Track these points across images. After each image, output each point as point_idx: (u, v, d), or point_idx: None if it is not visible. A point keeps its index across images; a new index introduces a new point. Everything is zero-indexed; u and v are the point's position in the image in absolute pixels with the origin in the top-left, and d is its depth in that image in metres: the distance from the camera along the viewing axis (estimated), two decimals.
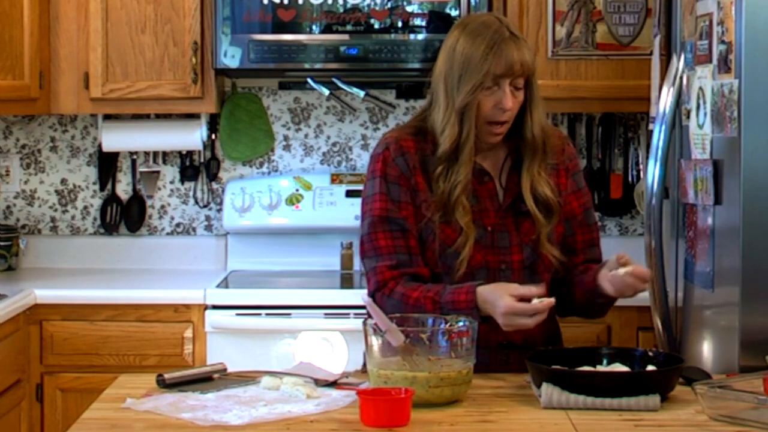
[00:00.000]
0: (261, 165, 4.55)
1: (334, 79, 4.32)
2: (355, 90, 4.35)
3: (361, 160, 4.53)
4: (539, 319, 2.58)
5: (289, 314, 3.89)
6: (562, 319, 3.84)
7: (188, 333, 3.92)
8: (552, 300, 2.59)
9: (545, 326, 2.78)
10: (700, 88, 3.06)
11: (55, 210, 4.57)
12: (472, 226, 2.73)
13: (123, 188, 4.56)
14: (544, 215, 2.78)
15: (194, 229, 4.57)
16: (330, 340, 3.87)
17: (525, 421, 2.35)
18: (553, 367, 2.48)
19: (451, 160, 2.74)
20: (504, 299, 2.58)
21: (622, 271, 2.66)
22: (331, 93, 4.39)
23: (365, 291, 2.79)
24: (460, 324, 2.50)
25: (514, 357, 2.75)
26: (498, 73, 2.70)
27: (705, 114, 3.03)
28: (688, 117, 3.15)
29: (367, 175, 2.85)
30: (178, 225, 4.57)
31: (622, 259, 2.68)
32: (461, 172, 2.73)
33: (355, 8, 4.08)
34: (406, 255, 2.75)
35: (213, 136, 4.52)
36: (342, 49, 4.09)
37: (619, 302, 3.84)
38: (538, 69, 4.04)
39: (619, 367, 2.54)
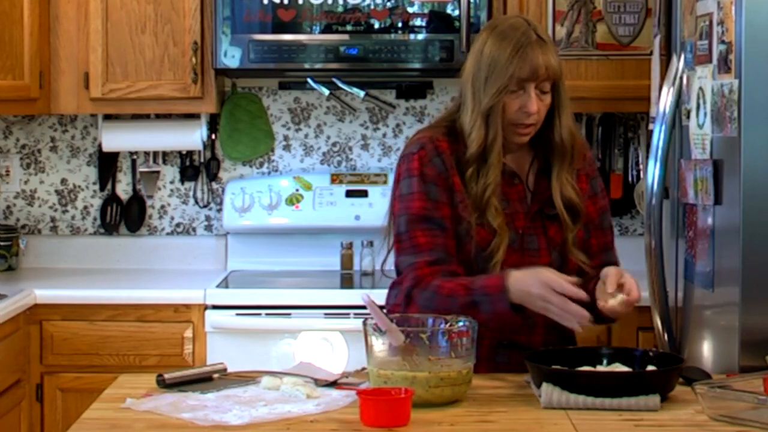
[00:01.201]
0: (261, 165, 4.55)
1: (334, 79, 4.32)
2: (355, 90, 4.35)
3: (361, 160, 4.53)
4: (566, 305, 2.55)
5: (289, 314, 3.89)
6: None
7: (188, 333, 3.92)
8: (583, 295, 2.57)
9: (558, 331, 2.78)
10: (700, 88, 3.06)
11: (55, 210, 4.57)
12: (506, 227, 2.74)
13: (123, 188, 4.56)
14: (571, 219, 2.78)
15: (194, 229, 4.57)
16: (330, 340, 3.87)
17: (525, 421, 2.35)
18: (553, 367, 2.48)
19: (480, 162, 2.75)
20: (544, 272, 2.59)
21: (614, 302, 2.64)
22: (331, 93, 4.39)
23: (365, 291, 2.79)
24: (460, 324, 2.50)
25: (514, 357, 2.75)
26: (523, 77, 2.70)
27: (705, 114, 3.03)
28: (688, 117, 3.15)
29: (400, 173, 2.81)
30: (178, 225, 4.57)
31: (612, 285, 2.63)
32: (491, 174, 2.74)
33: (355, 8, 4.08)
34: (444, 253, 2.74)
35: (213, 136, 4.52)
36: (342, 49, 4.09)
37: None
38: None
39: (619, 367, 2.53)
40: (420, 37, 4.08)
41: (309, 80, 4.32)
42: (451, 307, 2.63)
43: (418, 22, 4.07)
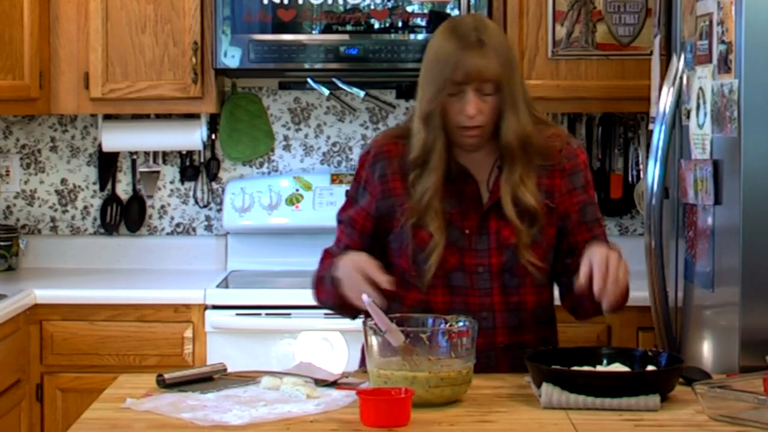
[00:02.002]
0: (261, 165, 4.55)
1: (334, 79, 4.32)
2: (355, 90, 4.35)
3: None
4: (358, 282, 2.59)
5: (289, 314, 3.89)
6: (561, 320, 3.84)
7: (188, 333, 3.92)
8: (384, 282, 2.58)
9: (539, 332, 2.78)
10: (700, 88, 3.06)
11: (55, 210, 4.57)
12: (442, 232, 2.71)
13: (123, 188, 4.56)
14: (526, 223, 2.73)
15: (194, 229, 4.57)
16: (330, 340, 3.87)
17: (525, 421, 2.35)
18: (553, 367, 2.48)
19: (423, 165, 2.73)
20: (360, 256, 2.65)
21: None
22: (331, 93, 4.39)
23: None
24: (460, 324, 2.50)
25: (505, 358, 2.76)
26: (457, 80, 2.67)
27: (705, 114, 3.03)
28: (688, 117, 3.15)
29: None
30: (178, 225, 4.57)
31: (583, 276, 2.58)
32: (431, 177, 2.72)
33: (355, 8, 4.08)
34: (342, 251, 2.79)
35: (213, 136, 4.52)
36: (342, 49, 4.09)
37: None
38: (538, 69, 4.12)
39: (619, 367, 2.53)
40: (420, 37, 4.08)
41: (309, 80, 4.32)
42: (312, 280, 2.83)
43: (418, 22, 4.07)
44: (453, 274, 2.74)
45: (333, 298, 2.73)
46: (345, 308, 2.72)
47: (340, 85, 4.33)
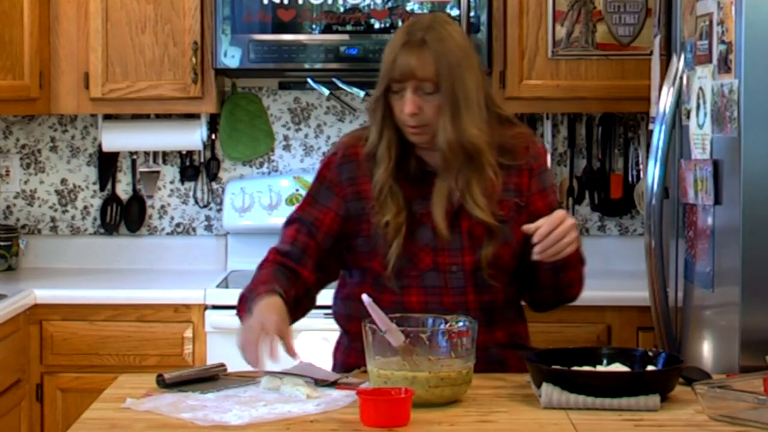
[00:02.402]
0: (261, 165, 4.55)
1: (334, 79, 4.32)
2: (355, 90, 4.35)
3: None
4: (252, 355, 2.50)
5: None
6: (561, 320, 3.86)
7: (188, 333, 3.92)
8: (274, 356, 2.50)
9: (509, 328, 2.78)
10: (700, 88, 3.06)
11: (55, 210, 4.57)
12: (395, 223, 2.71)
13: (123, 188, 4.56)
14: (485, 234, 2.72)
15: (194, 229, 4.57)
16: (330, 340, 3.85)
17: (525, 421, 2.35)
18: (553, 367, 2.48)
19: (372, 161, 2.75)
20: (271, 318, 2.53)
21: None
22: (331, 93, 4.39)
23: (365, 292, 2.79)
24: (460, 324, 2.50)
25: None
26: (395, 78, 2.67)
27: (705, 114, 3.03)
28: (688, 117, 3.15)
29: None
30: (178, 225, 4.57)
31: (538, 237, 2.58)
32: (379, 170, 2.73)
33: (355, 8, 4.08)
34: (300, 251, 2.77)
35: (213, 136, 4.52)
36: (342, 49, 4.09)
37: (619, 302, 3.87)
38: (538, 69, 4.12)
39: (619, 367, 2.53)
40: None
41: (309, 80, 4.32)
42: (240, 294, 2.73)
43: None
44: (427, 274, 2.74)
45: None
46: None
47: (340, 85, 4.33)
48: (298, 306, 2.75)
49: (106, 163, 4.54)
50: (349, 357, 2.79)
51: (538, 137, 2.97)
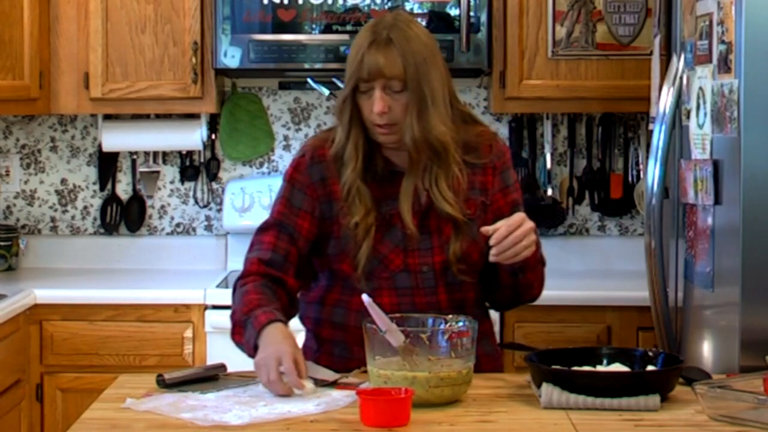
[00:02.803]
0: (261, 165, 4.55)
1: (334, 79, 4.31)
2: None
3: None
4: (283, 390, 2.50)
5: None
6: (561, 320, 3.85)
7: (188, 333, 3.92)
8: (300, 385, 2.50)
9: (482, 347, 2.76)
10: (700, 88, 3.06)
11: (55, 210, 4.57)
12: (364, 223, 2.70)
13: (123, 188, 4.56)
14: (453, 230, 2.73)
15: (194, 229, 4.57)
16: None
17: (525, 421, 2.35)
18: (553, 367, 2.48)
19: (339, 162, 2.74)
20: (288, 347, 2.52)
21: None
22: (331, 93, 4.39)
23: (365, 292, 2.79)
24: (460, 324, 2.50)
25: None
26: (362, 77, 2.68)
27: (705, 114, 3.03)
28: (688, 117, 3.15)
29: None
30: (178, 225, 4.57)
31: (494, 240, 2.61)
32: (347, 170, 2.72)
33: (355, 8, 4.08)
34: (282, 258, 2.75)
35: (213, 136, 4.52)
36: (342, 49, 4.09)
37: (619, 302, 3.87)
38: (538, 69, 4.12)
39: (619, 367, 2.53)
40: None
41: (309, 80, 4.32)
42: (233, 314, 2.69)
43: (418, 22, 4.07)
44: (398, 275, 2.74)
45: (249, 353, 2.64)
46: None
47: (340, 85, 4.31)
48: (286, 316, 2.74)
49: (106, 163, 4.54)
50: (320, 361, 2.77)
51: (502, 137, 2.97)
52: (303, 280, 2.82)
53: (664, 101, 3.25)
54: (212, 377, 2.66)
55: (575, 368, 2.50)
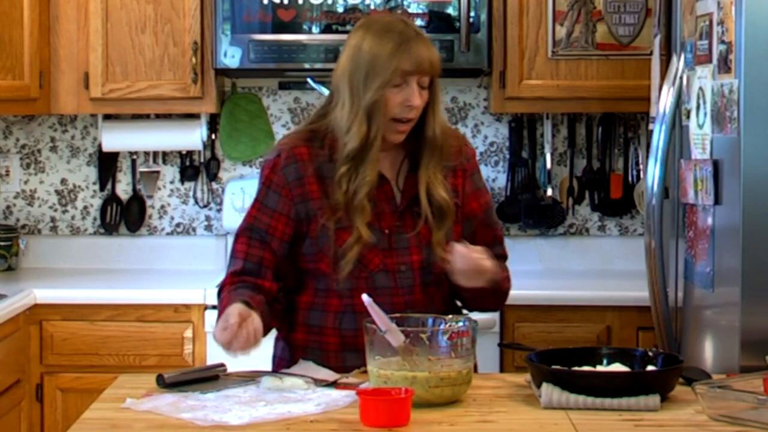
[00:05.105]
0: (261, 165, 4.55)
1: None
2: None
3: None
4: (229, 338, 2.54)
5: None
6: (561, 320, 3.85)
7: (188, 333, 3.92)
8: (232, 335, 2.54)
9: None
10: (700, 88, 3.06)
11: (55, 210, 4.57)
12: (367, 229, 2.71)
13: (123, 188, 4.56)
14: (437, 218, 2.76)
15: (194, 229, 4.57)
16: None
17: (525, 421, 2.35)
18: (553, 367, 2.48)
19: (358, 159, 2.71)
20: (237, 306, 2.57)
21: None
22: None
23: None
24: (460, 324, 2.50)
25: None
26: (407, 70, 2.69)
27: (705, 114, 3.03)
28: (688, 117, 3.15)
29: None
30: (178, 225, 4.57)
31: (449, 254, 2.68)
32: (368, 172, 2.71)
33: (355, 8, 4.08)
34: (255, 265, 2.75)
35: (213, 136, 4.52)
36: (342, 49, 4.08)
37: (619, 302, 3.87)
38: (538, 69, 4.12)
39: (619, 367, 2.54)
40: None
41: (309, 80, 4.32)
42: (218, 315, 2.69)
43: (417, 22, 4.07)
44: (377, 275, 2.74)
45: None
46: None
47: None
48: (271, 309, 2.73)
49: (106, 163, 4.54)
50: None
51: (467, 139, 3.01)
52: (284, 281, 2.81)
53: (664, 101, 3.25)
54: (212, 377, 2.66)
55: (575, 368, 2.50)
